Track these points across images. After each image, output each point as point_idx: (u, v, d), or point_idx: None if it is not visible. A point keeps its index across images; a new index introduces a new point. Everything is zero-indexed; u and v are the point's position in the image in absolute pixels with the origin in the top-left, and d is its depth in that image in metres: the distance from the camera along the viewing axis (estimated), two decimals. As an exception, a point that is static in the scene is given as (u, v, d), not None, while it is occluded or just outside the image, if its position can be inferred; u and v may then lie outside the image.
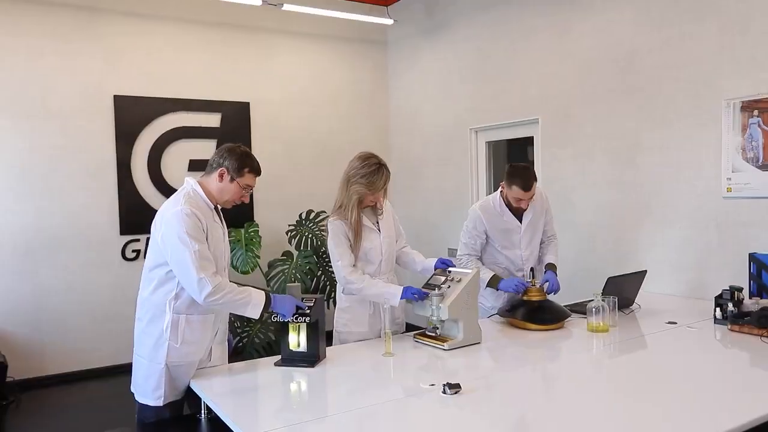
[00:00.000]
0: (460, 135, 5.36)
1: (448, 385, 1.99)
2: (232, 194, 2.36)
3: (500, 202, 3.26)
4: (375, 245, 2.81)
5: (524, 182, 3.06)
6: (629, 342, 2.70)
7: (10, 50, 4.54)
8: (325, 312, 2.53)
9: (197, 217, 2.21)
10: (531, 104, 4.62)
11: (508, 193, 3.14)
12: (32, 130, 4.64)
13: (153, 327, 2.25)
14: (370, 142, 6.22)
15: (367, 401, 2.00)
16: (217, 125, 5.36)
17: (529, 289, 3.00)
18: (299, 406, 2.03)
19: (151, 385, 2.25)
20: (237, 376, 2.33)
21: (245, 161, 2.35)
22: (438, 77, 5.61)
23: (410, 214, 6.11)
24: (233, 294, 2.21)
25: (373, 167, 2.71)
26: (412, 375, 2.33)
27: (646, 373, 2.26)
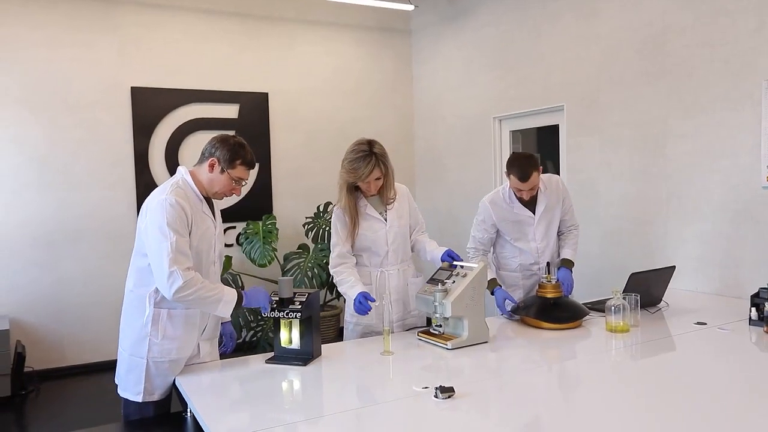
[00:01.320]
0: (484, 124, 5.16)
1: (441, 389, 1.84)
2: (222, 186, 2.25)
3: (509, 192, 3.09)
4: (379, 235, 2.68)
5: (521, 171, 2.87)
6: (652, 344, 2.49)
7: (29, 42, 4.57)
8: (320, 307, 2.41)
9: (181, 207, 2.11)
10: (555, 91, 4.40)
11: (510, 182, 2.98)
12: (52, 123, 4.66)
13: (134, 320, 2.18)
14: (394, 132, 6.09)
15: (352, 404, 1.87)
16: (235, 116, 5.30)
17: (543, 285, 2.82)
18: (277, 407, 1.90)
19: (132, 380, 2.18)
20: (225, 373, 2.23)
21: (238, 152, 2.24)
22: (460, 65, 5.42)
23: (434, 207, 5.95)
24: (204, 291, 2.09)
25: (360, 154, 2.57)
26: (409, 376, 2.18)
27: (668, 378, 2.06)
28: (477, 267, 2.49)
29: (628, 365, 2.28)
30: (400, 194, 2.79)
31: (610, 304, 2.60)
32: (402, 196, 2.80)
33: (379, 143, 2.65)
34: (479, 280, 2.47)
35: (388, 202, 2.74)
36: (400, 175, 6.08)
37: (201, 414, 1.81)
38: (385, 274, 2.71)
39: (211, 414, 1.81)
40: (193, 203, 2.20)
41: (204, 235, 2.23)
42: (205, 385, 2.11)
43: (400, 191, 2.80)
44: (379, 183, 2.65)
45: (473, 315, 2.45)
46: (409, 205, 2.82)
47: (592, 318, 2.84)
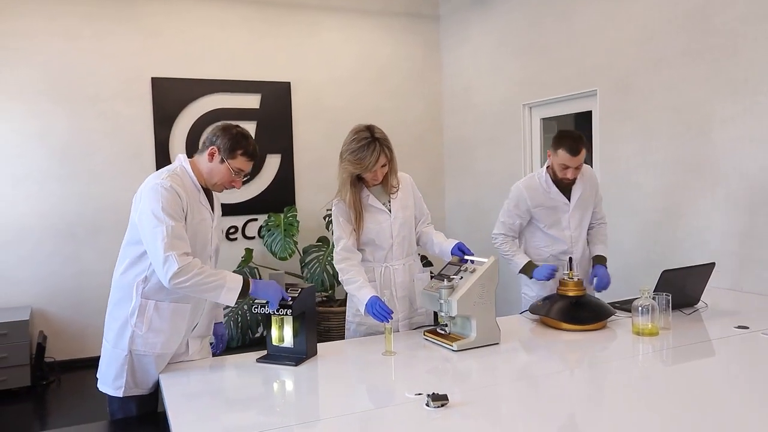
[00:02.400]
0: (513, 112, 4.89)
1: (433, 397, 1.65)
2: (221, 177, 2.12)
3: (546, 177, 2.99)
4: (383, 227, 2.50)
5: (573, 145, 2.79)
6: (683, 349, 2.23)
7: (49, 33, 4.57)
8: (315, 303, 2.25)
9: (177, 193, 1.99)
10: (588, 75, 4.10)
11: (554, 160, 2.89)
12: (74, 115, 4.66)
13: (119, 310, 2.07)
14: (421, 122, 5.89)
15: (334, 411, 1.70)
16: (257, 106, 5.20)
17: (564, 282, 2.58)
18: (253, 411, 1.75)
19: (112, 374, 2.07)
20: (210, 373, 2.10)
21: (239, 142, 2.10)
22: (489, 50, 5.16)
23: (462, 198, 5.73)
24: (204, 276, 1.95)
25: (363, 142, 2.36)
26: (407, 380, 2.00)
27: (700, 389, 1.81)
28: (487, 262, 2.28)
29: (655, 373, 2.04)
30: (404, 183, 2.61)
31: (637, 304, 2.35)
32: (405, 185, 2.61)
33: (378, 128, 2.45)
34: (489, 276, 2.25)
35: (392, 192, 2.54)
36: (428, 166, 5.93)
37: (171, 417, 1.68)
38: (390, 269, 2.53)
39: (180, 416, 1.68)
40: (190, 192, 2.07)
41: (199, 227, 2.10)
42: (185, 384, 1.98)
43: (404, 180, 2.62)
44: (384, 170, 2.46)
45: (482, 314, 2.24)
46: (413, 194, 2.64)
47: (619, 318, 2.59)
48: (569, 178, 2.91)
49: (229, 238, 5.17)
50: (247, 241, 5.21)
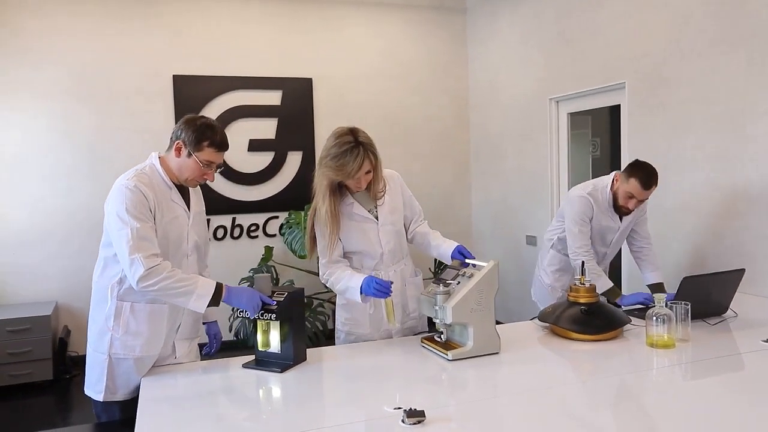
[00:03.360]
0: (539, 106, 4.69)
1: (408, 413, 1.54)
2: (191, 171, 2.06)
3: (610, 195, 2.93)
4: (370, 237, 2.33)
5: (648, 178, 2.76)
6: (702, 364, 2.05)
7: (74, 33, 4.63)
8: (303, 308, 2.16)
9: (141, 192, 1.94)
10: (616, 66, 3.88)
11: (623, 186, 2.84)
12: (98, 113, 4.72)
13: (97, 313, 2.04)
14: (447, 118, 5.74)
15: (306, 423, 1.60)
16: (278, 103, 5.16)
17: (575, 288, 2.42)
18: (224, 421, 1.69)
19: (94, 377, 2.05)
20: (193, 377, 2.04)
21: (204, 133, 2.04)
22: (516, 43, 4.97)
23: (489, 197, 5.56)
24: (173, 281, 1.89)
25: (345, 147, 2.13)
26: (393, 391, 1.88)
27: (714, 408, 1.64)
28: (486, 266, 2.14)
29: (667, 389, 1.86)
30: (391, 183, 2.41)
31: (651, 313, 2.17)
32: (393, 186, 2.41)
33: (362, 131, 2.22)
34: (488, 281, 2.12)
35: (378, 197, 2.36)
36: (454, 163, 5.77)
37: (138, 422, 1.62)
38: (382, 277, 2.38)
39: (147, 422, 1.62)
40: (160, 190, 2.02)
41: (171, 225, 2.04)
42: (162, 389, 1.92)
43: (391, 179, 2.42)
44: (369, 177, 2.25)
45: (480, 322, 2.11)
46: (402, 194, 2.45)
47: (636, 327, 2.41)
48: (630, 208, 2.88)
49: (250, 236, 5.16)
50: (267, 238, 5.19)
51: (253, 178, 5.13)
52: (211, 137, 2.04)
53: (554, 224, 3.25)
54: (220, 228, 5.06)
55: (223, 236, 5.08)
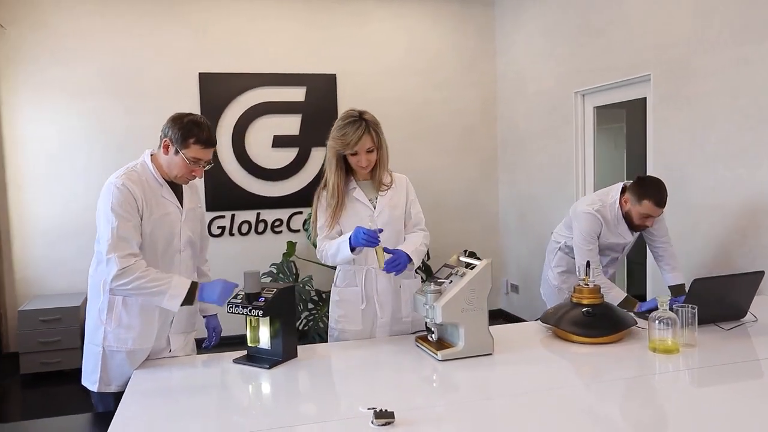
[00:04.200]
0: (565, 100, 4.56)
1: (376, 414, 1.52)
2: (179, 169, 2.09)
3: (619, 212, 2.85)
4: (365, 224, 2.31)
5: (660, 196, 2.68)
6: (706, 371, 1.94)
7: (104, 33, 4.78)
8: (295, 304, 2.16)
9: (129, 190, 1.99)
10: (642, 58, 3.72)
11: (636, 209, 2.76)
12: (126, 110, 4.85)
13: (92, 306, 2.11)
14: (474, 113, 5.65)
15: (276, 421, 1.60)
16: (302, 99, 5.19)
17: (579, 289, 2.34)
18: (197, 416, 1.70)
19: (89, 368, 2.11)
20: (183, 371, 2.07)
21: (191, 131, 2.06)
22: (543, 35, 4.84)
23: (515, 193, 5.46)
24: (146, 280, 1.93)
25: (349, 119, 2.29)
26: (379, 391, 1.86)
27: (715, 420, 1.55)
28: (479, 265, 2.09)
29: (660, 396, 1.77)
30: (398, 183, 2.45)
31: (654, 317, 2.07)
32: (400, 185, 2.45)
33: (370, 113, 2.35)
34: (480, 281, 2.07)
35: (381, 188, 2.39)
36: (481, 159, 5.68)
37: (117, 414, 1.66)
38: (373, 273, 2.37)
39: (126, 414, 1.65)
40: (150, 187, 2.07)
41: (162, 222, 2.08)
42: (151, 382, 1.95)
43: (399, 180, 2.46)
44: (371, 157, 2.31)
45: (471, 322, 2.06)
46: (407, 196, 2.46)
47: (644, 330, 2.30)
48: (648, 226, 2.80)
49: (274, 231, 5.21)
50: (291, 234, 5.23)
51: (277, 174, 5.18)
52: (197, 134, 2.06)
53: (562, 231, 3.19)
54: (244, 223, 5.14)
55: (248, 231, 5.15)
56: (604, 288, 2.75)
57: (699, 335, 2.18)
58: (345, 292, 2.42)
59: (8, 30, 4.61)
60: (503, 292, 5.81)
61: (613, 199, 2.86)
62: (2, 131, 4.66)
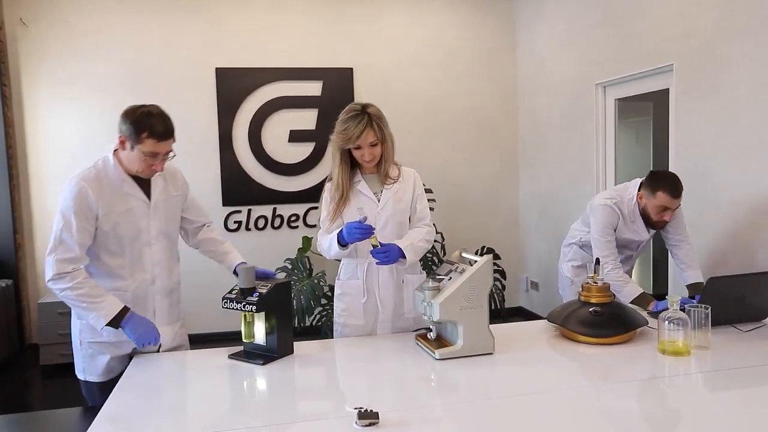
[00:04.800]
0: (586, 93, 4.43)
1: (360, 414, 1.47)
2: (138, 164, 2.02)
3: (636, 208, 2.77)
4: (368, 217, 2.29)
5: (674, 187, 2.62)
6: (718, 375, 1.84)
7: (123, 29, 4.82)
8: (290, 301, 2.13)
9: (80, 191, 1.96)
10: (664, 47, 3.57)
11: (651, 203, 2.68)
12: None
13: None
14: (493, 106, 5.55)
15: (258, 420, 1.56)
16: (318, 94, 5.16)
17: (588, 287, 2.25)
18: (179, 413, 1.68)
19: (77, 358, 2.15)
20: (178, 365, 2.06)
21: (143, 124, 1.97)
22: (563, 25, 4.71)
23: (535, 188, 5.34)
24: (77, 293, 1.93)
25: (351, 114, 2.25)
26: (367, 390, 1.82)
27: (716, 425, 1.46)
28: (479, 261, 2.02)
29: (667, 402, 1.68)
30: (406, 177, 2.39)
31: (663, 317, 1.98)
32: (407, 180, 2.39)
33: (375, 106, 2.31)
34: (480, 277, 2.00)
35: (387, 182, 2.34)
36: (502, 153, 5.57)
37: (102, 411, 1.65)
38: (375, 266, 2.33)
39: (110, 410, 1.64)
40: (110, 184, 2.03)
41: (124, 217, 2.05)
42: (142, 377, 1.94)
43: (407, 174, 2.40)
44: (375, 151, 2.27)
45: (471, 320, 1.99)
46: (414, 190, 2.39)
47: (655, 330, 2.20)
48: (667, 220, 2.71)
49: (291, 226, 5.21)
50: (308, 229, 5.21)
51: (293, 169, 5.17)
52: (150, 128, 1.97)
53: (579, 227, 3.11)
54: (261, 218, 5.14)
55: (264, 226, 5.15)
56: (620, 283, 2.65)
57: (713, 337, 2.08)
58: (346, 285, 2.39)
59: (30, 27, 4.69)
60: (523, 290, 5.70)
61: (631, 194, 2.78)
62: (24, 127, 4.75)
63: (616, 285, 2.64)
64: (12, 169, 4.65)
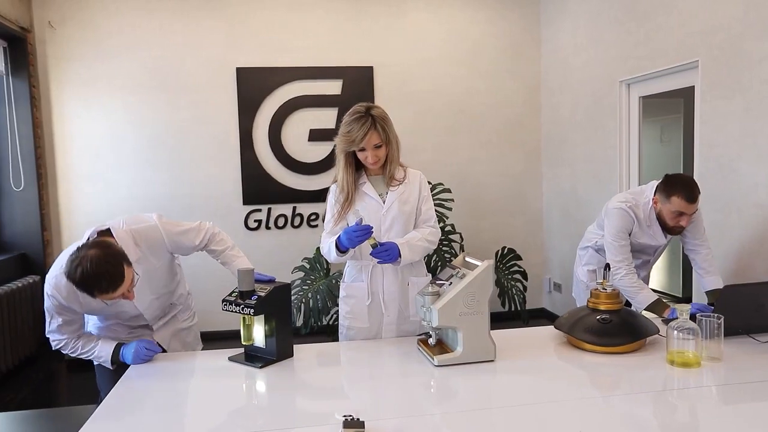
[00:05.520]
0: (609, 90, 4.30)
1: (345, 423, 1.45)
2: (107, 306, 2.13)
3: (652, 212, 2.66)
4: (372, 219, 2.28)
5: (690, 191, 2.50)
6: (728, 388, 1.76)
7: (147, 30, 4.90)
8: (289, 304, 2.12)
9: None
10: (689, 43, 3.44)
11: (666, 207, 2.57)
12: (167, 105, 4.97)
13: None
14: (517, 103, 5.45)
15: (251, 424, 1.56)
16: (338, 92, 5.15)
17: (596, 294, 2.18)
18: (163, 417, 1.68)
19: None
20: (177, 367, 2.07)
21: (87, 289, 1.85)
22: (587, 21, 4.59)
23: (559, 188, 5.23)
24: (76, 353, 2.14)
25: (354, 116, 2.22)
26: (364, 396, 1.80)
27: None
28: (480, 266, 1.97)
29: (670, 416, 1.61)
30: (411, 178, 2.36)
31: (672, 327, 1.90)
32: (413, 181, 2.35)
33: (379, 108, 2.27)
34: (480, 283, 1.95)
35: (392, 183, 2.31)
36: (526, 151, 5.48)
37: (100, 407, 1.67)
38: (379, 269, 2.31)
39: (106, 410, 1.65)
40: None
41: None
42: (142, 380, 1.96)
43: (412, 175, 2.37)
44: (379, 153, 2.24)
45: (470, 327, 1.95)
46: (419, 192, 2.36)
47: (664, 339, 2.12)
48: (683, 226, 2.59)
49: (310, 225, 5.21)
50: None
51: (313, 168, 5.18)
52: (95, 290, 1.84)
53: (595, 230, 3.02)
54: (281, 217, 5.16)
55: (284, 225, 5.18)
56: (633, 289, 2.57)
57: (728, 348, 1.99)
58: (351, 287, 2.38)
59: (57, 30, 4.80)
60: (546, 291, 5.59)
61: (647, 198, 2.67)
62: (52, 127, 4.87)
63: (630, 291, 2.56)
64: (40, 168, 4.77)
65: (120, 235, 2.02)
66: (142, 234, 2.08)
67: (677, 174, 2.60)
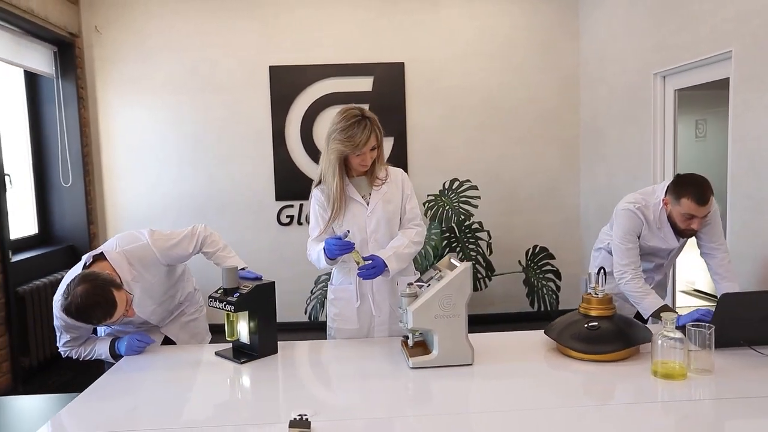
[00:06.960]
0: (644, 83, 4.11)
1: (291, 423, 1.47)
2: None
3: (663, 213, 2.52)
4: (358, 221, 2.29)
5: (698, 192, 2.34)
6: (713, 404, 1.67)
7: (185, 33, 5.07)
8: (273, 302, 2.15)
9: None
10: (723, 32, 3.23)
11: (676, 210, 2.43)
12: (203, 104, 5.13)
13: None
14: (552, 98, 5.29)
15: (206, 419, 1.60)
16: (369, 89, 5.16)
17: (587, 299, 2.10)
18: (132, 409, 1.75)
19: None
20: (164, 360, 2.15)
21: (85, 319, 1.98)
22: (624, 11, 4.39)
23: (594, 185, 5.05)
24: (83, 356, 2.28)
25: (353, 120, 2.20)
26: (329, 395, 1.81)
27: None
28: (458, 268, 1.94)
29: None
30: (393, 177, 2.35)
31: (656, 337, 1.80)
32: (395, 180, 2.35)
33: (368, 111, 2.28)
34: (458, 285, 1.92)
35: (376, 183, 2.30)
36: (562, 147, 5.32)
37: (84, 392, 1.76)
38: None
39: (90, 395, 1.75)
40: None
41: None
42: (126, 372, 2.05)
43: (394, 174, 2.36)
44: (373, 155, 2.26)
45: (446, 330, 1.92)
46: (402, 190, 2.34)
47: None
48: (695, 229, 2.44)
49: (341, 221, 5.26)
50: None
51: (344, 165, 5.21)
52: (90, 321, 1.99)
53: (608, 231, 2.89)
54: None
55: (316, 221, 5.25)
56: (639, 294, 2.45)
57: (724, 360, 1.88)
58: (339, 290, 2.39)
59: (103, 34, 5.05)
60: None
61: (658, 198, 2.53)
62: (98, 125, 5.13)
63: (635, 297, 2.45)
64: (87, 165, 5.05)
65: (113, 257, 2.13)
66: (134, 254, 2.17)
67: (689, 174, 2.45)
